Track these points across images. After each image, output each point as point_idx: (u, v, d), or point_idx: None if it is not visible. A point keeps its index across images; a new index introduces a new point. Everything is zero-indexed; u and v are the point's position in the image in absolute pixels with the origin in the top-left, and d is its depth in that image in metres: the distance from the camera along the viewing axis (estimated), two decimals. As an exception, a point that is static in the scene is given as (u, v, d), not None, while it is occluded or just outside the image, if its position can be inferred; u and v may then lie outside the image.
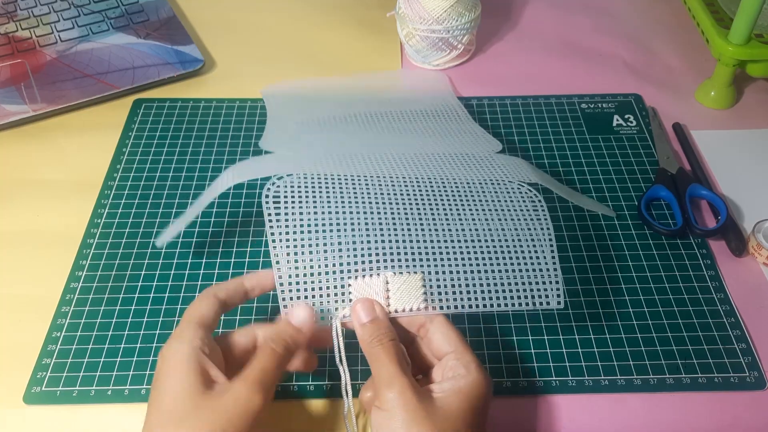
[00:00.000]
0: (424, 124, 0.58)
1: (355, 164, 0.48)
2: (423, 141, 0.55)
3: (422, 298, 0.40)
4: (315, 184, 0.45)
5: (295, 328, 0.39)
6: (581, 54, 0.73)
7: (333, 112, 0.60)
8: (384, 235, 0.42)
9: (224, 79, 0.69)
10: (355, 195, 0.44)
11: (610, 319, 0.49)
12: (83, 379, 0.45)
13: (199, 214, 0.55)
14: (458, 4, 0.65)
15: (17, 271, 0.52)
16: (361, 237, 0.42)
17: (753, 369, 0.46)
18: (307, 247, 0.42)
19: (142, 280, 0.51)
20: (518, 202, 0.46)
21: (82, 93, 0.65)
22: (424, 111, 0.61)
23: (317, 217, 0.43)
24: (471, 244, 0.43)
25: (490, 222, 0.44)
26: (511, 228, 0.44)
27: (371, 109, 0.60)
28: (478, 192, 0.47)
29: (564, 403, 0.45)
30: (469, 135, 0.57)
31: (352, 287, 0.41)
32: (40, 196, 0.57)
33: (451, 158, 0.51)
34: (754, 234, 0.53)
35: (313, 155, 0.49)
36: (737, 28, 0.60)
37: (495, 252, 0.43)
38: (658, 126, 0.63)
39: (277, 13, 0.78)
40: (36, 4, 0.74)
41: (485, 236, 0.44)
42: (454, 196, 0.46)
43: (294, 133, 0.57)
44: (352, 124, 0.58)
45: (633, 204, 0.57)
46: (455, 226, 0.44)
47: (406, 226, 0.43)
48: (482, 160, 0.51)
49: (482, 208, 0.45)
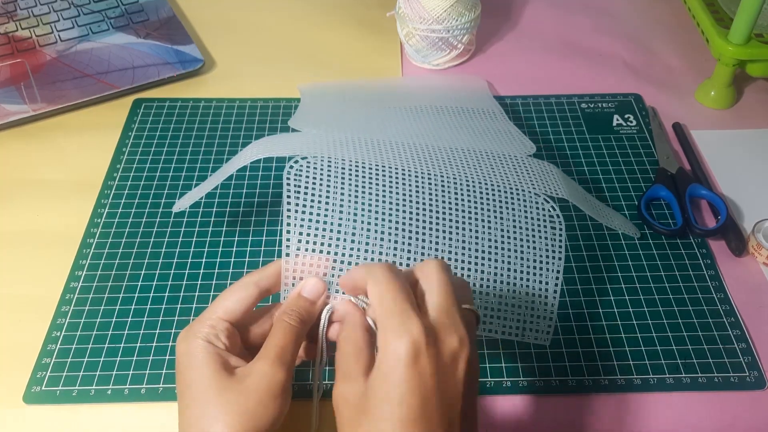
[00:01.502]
0: (458, 120, 0.58)
1: (380, 152, 0.47)
2: (455, 134, 0.54)
3: None
4: (337, 169, 0.44)
5: (307, 300, 0.38)
6: (581, 54, 0.73)
7: (367, 105, 0.60)
8: (392, 232, 0.42)
9: (224, 79, 0.69)
10: (377, 185, 0.44)
11: (610, 319, 0.49)
12: (83, 378, 0.45)
13: (201, 211, 0.55)
14: (458, 3, 0.65)
15: (17, 271, 0.52)
16: (373, 227, 0.42)
17: (753, 369, 0.46)
18: (320, 230, 0.41)
19: (142, 279, 0.51)
20: (537, 222, 0.45)
21: (82, 93, 0.65)
22: (460, 108, 0.60)
23: (333, 202, 0.42)
24: (477, 259, 0.43)
25: (501, 239, 0.44)
26: (523, 244, 0.44)
27: (406, 104, 0.60)
28: (499, 202, 0.46)
29: (564, 403, 0.45)
30: (503, 134, 0.56)
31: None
32: (40, 196, 0.57)
33: (480, 156, 0.50)
34: (754, 234, 0.53)
35: (340, 138, 0.49)
36: (737, 28, 0.60)
37: (498, 271, 0.42)
38: (658, 126, 0.63)
39: (277, 13, 0.78)
40: (36, 4, 0.74)
41: (493, 252, 0.43)
42: (474, 202, 0.45)
43: (324, 116, 0.56)
44: (385, 113, 0.58)
45: (633, 204, 0.57)
46: (467, 235, 0.43)
47: (416, 224, 0.43)
48: (513, 163, 0.50)
49: (498, 222, 0.45)
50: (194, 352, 0.36)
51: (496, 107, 0.62)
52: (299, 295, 0.39)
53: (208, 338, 0.37)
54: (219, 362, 0.36)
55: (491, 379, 0.46)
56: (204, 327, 0.37)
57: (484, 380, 0.45)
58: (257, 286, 0.39)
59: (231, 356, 0.37)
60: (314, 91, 0.64)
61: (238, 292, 0.39)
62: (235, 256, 0.52)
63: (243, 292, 0.39)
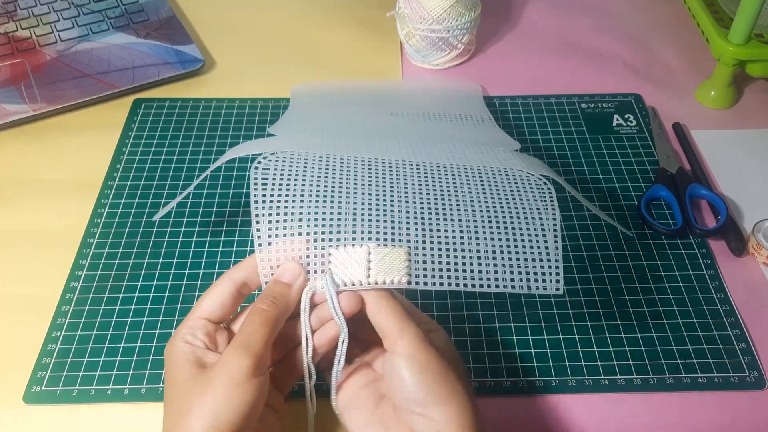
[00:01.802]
0: (443, 123, 0.57)
1: (358, 146, 0.46)
2: (437, 132, 0.53)
3: (405, 271, 0.38)
4: (307, 160, 0.43)
5: (282, 284, 0.38)
6: (581, 54, 0.73)
7: (352, 109, 0.59)
8: (372, 206, 0.40)
9: (224, 79, 0.69)
10: (348, 170, 0.43)
11: (610, 318, 0.49)
12: (83, 378, 0.45)
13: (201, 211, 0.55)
14: (458, 3, 0.65)
15: (17, 271, 0.52)
16: (347, 207, 0.40)
17: (753, 369, 0.46)
18: (289, 215, 0.39)
19: (141, 279, 0.51)
20: (524, 184, 0.43)
21: (82, 93, 0.65)
22: (447, 114, 0.59)
23: (303, 188, 0.41)
24: (466, 222, 0.40)
25: (489, 199, 0.42)
26: (513, 209, 0.41)
27: (392, 109, 0.59)
28: (484, 174, 0.44)
29: (564, 403, 0.45)
30: (487, 133, 0.55)
31: (332, 257, 0.39)
32: (40, 196, 0.57)
33: (463, 146, 0.49)
34: (754, 234, 0.53)
35: (316, 141, 0.48)
36: (737, 27, 0.60)
37: (491, 230, 0.40)
38: (658, 126, 0.63)
39: (277, 13, 0.78)
40: (36, 4, 0.74)
41: (482, 214, 0.41)
42: (453, 173, 0.44)
43: (304, 122, 0.56)
44: (370, 117, 0.57)
45: (633, 204, 0.57)
46: (450, 202, 0.41)
47: (396, 198, 0.41)
48: (496, 153, 0.48)
49: (482, 186, 0.43)
50: (170, 355, 0.36)
51: (486, 113, 0.61)
52: (275, 280, 0.38)
53: (185, 338, 0.37)
54: (192, 361, 0.36)
55: (491, 379, 0.46)
56: (182, 328, 0.37)
57: (484, 380, 0.45)
58: (231, 279, 0.39)
59: (208, 353, 0.36)
60: (303, 94, 0.64)
61: (214, 289, 0.39)
62: (235, 256, 0.52)
63: (218, 288, 0.39)
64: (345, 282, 0.38)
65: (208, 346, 0.37)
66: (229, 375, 0.34)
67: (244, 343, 0.35)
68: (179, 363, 0.36)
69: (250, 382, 0.34)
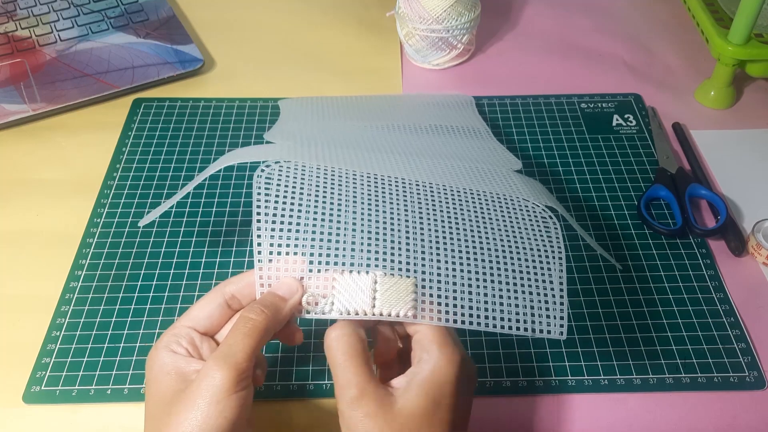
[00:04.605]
0: (442, 137, 0.56)
1: (360, 159, 0.46)
2: (438, 149, 0.53)
3: (411, 304, 0.37)
4: (311, 172, 0.42)
5: (276, 296, 0.37)
6: (581, 54, 0.73)
7: (346, 120, 0.59)
8: (379, 233, 0.40)
9: (224, 79, 0.69)
10: (354, 189, 0.42)
11: (609, 318, 0.49)
12: (82, 378, 0.45)
13: (201, 212, 0.55)
14: (458, 3, 0.65)
15: (17, 271, 0.52)
16: (350, 228, 0.40)
17: (752, 369, 0.46)
18: (293, 232, 0.39)
19: (141, 279, 0.51)
20: (530, 220, 0.43)
21: (82, 92, 0.65)
22: (445, 127, 0.58)
23: (309, 205, 0.40)
24: (473, 257, 0.40)
25: (497, 237, 0.42)
26: (519, 246, 0.41)
27: (387, 122, 0.58)
28: (488, 203, 0.44)
29: (564, 403, 0.45)
30: (488, 151, 0.54)
31: (337, 282, 0.38)
32: (40, 196, 0.57)
33: (465, 165, 0.49)
34: (753, 234, 0.53)
35: (316, 152, 0.47)
36: (737, 28, 0.60)
37: (498, 268, 0.40)
38: (657, 126, 0.63)
39: (277, 13, 0.78)
40: (35, 4, 0.74)
41: (490, 251, 0.41)
42: (461, 205, 0.43)
43: (301, 130, 0.55)
44: (364, 130, 0.56)
45: (633, 204, 0.57)
46: (459, 235, 0.41)
47: (405, 227, 0.41)
48: (498, 175, 0.48)
49: (490, 221, 0.43)
50: (151, 367, 0.36)
51: (482, 125, 0.60)
52: (270, 292, 0.37)
53: (169, 346, 0.36)
54: (173, 374, 0.35)
55: (491, 379, 0.46)
56: (166, 336, 0.37)
57: (484, 380, 0.45)
58: (221, 291, 0.38)
59: (192, 362, 0.35)
60: (293, 104, 0.63)
61: (203, 300, 0.38)
62: (234, 256, 0.52)
63: (206, 298, 0.38)
64: (348, 310, 0.37)
65: (191, 354, 0.36)
66: (208, 391, 0.33)
67: (224, 354, 0.34)
68: (159, 377, 0.35)
69: (230, 398, 0.33)
